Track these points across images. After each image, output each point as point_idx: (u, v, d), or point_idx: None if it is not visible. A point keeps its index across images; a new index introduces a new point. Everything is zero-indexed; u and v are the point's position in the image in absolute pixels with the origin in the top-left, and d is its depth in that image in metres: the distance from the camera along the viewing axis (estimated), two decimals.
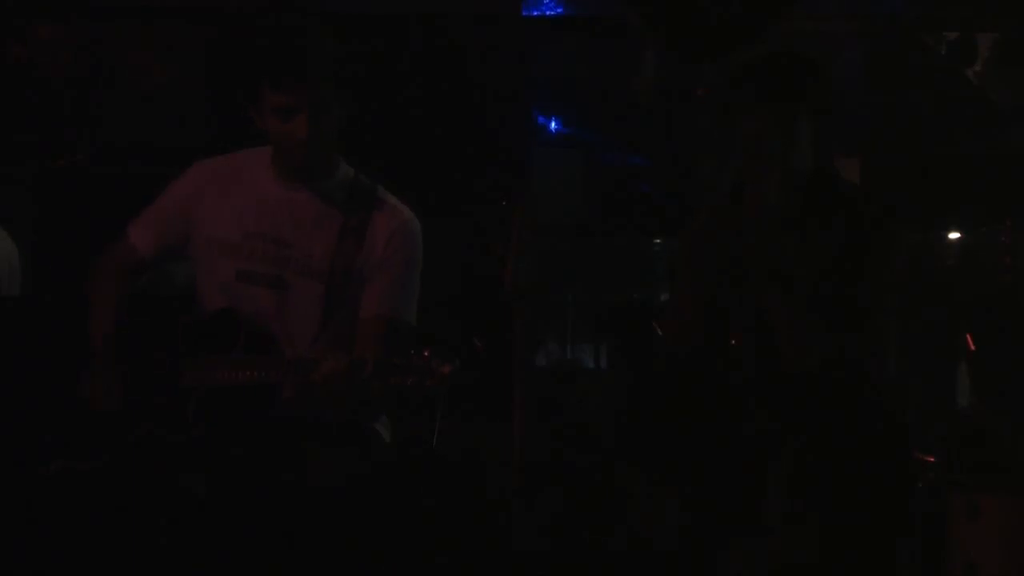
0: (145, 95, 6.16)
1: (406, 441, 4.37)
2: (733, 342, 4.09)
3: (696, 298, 4.16)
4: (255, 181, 4.26)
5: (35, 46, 6.16)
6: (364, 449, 4.16)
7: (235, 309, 4.14)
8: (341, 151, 4.28)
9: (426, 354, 3.79)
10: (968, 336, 5.63)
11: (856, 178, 5.76)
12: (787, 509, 2.74)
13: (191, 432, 4.03)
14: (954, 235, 5.83)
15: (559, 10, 6.45)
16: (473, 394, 5.49)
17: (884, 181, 5.85)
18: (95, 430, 4.10)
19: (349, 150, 4.33)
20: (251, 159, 4.29)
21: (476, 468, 5.57)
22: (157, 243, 4.30)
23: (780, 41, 5.58)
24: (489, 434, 5.69)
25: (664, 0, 6.11)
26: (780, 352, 3.92)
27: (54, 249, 5.80)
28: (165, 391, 4.08)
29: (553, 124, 6.52)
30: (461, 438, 4.71)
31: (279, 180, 4.24)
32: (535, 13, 6.45)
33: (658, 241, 5.98)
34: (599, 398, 5.98)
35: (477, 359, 4.48)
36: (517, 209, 5.43)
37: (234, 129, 4.34)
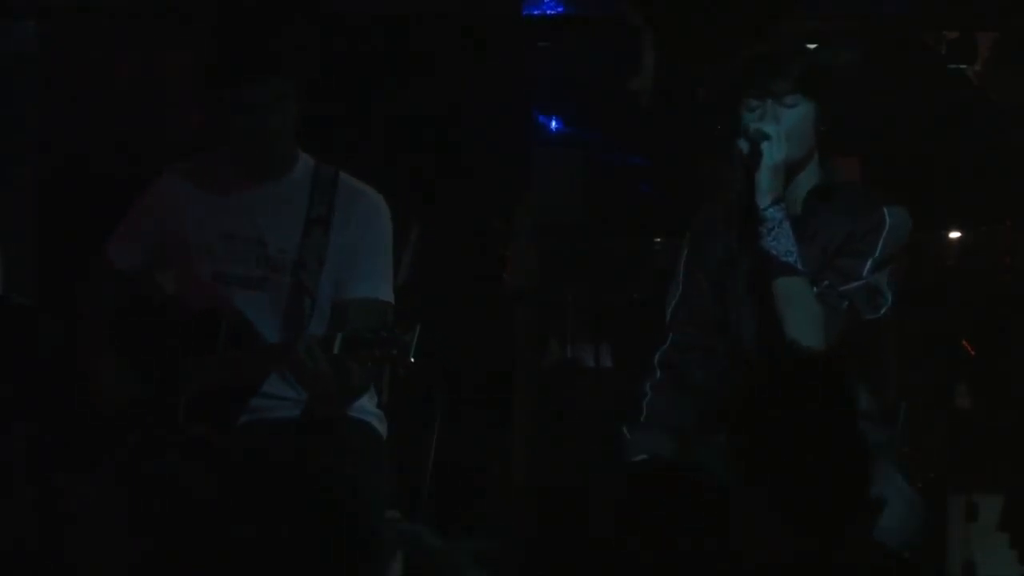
0: (143, 94, 6.16)
1: (406, 442, 4.36)
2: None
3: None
4: (221, 182, 4.25)
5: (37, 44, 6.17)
6: (359, 444, 4.15)
7: (215, 310, 4.13)
8: (299, 142, 4.26)
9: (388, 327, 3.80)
10: (966, 342, 5.64)
11: (856, 178, 5.75)
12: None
13: (187, 433, 4.03)
14: (954, 235, 5.83)
15: (559, 10, 6.45)
16: (473, 395, 5.50)
17: (884, 181, 5.85)
18: (95, 430, 4.10)
19: (349, 150, 4.33)
20: (215, 160, 4.28)
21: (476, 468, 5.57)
22: (143, 257, 4.30)
23: (780, 41, 5.58)
24: (489, 435, 5.70)
25: (664, 0, 6.12)
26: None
27: (54, 250, 5.80)
28: (165, 391, 4.08)
29: (553, 124, 6.52)
30: (461, 439, 4.70)
31: (244, 178, 4.23)
32: (535, 13, 6.45)
33: (658, 241, 5.97)
34: (599, 398, 5.98)
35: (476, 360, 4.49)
36: (517, 209, 5.44)
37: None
